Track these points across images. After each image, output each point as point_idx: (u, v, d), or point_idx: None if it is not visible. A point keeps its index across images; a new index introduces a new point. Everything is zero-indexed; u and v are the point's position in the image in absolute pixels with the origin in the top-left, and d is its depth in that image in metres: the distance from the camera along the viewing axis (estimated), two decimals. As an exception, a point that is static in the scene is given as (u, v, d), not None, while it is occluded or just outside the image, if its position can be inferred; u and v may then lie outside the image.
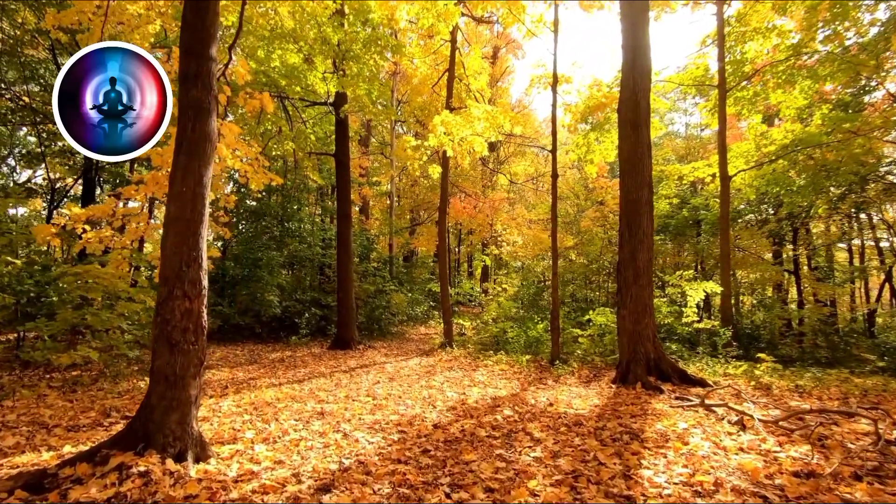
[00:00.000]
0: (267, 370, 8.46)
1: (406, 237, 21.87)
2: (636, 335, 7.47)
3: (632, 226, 7.73)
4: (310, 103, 11.97)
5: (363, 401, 6.02)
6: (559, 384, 7.64)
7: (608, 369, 8.78)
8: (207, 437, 4.11)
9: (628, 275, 7.69)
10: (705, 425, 4.70)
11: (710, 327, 9.93)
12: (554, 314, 9.34)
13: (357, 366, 9.12)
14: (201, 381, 3.65)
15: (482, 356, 10.19)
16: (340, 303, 11.75)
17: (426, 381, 7.71)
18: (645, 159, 7.77)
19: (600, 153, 13.04)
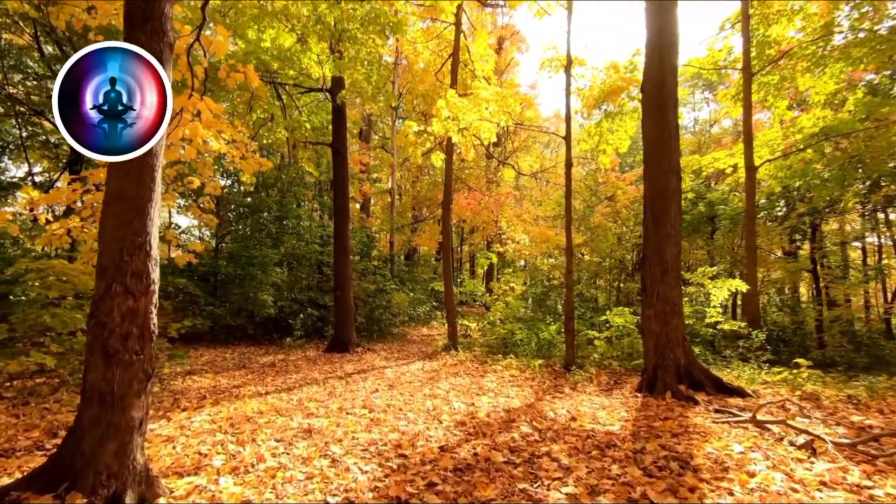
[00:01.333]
0: (255, 376, 7.71)
1: (408, 234, 21.12)
2: (664, 338, 6.70)
3: (658, 217, 6.97)
4: (305, 90, 11.21)
5: (358, 414, 5.27)
6: (577, 392, 6.88)
7: (629, 375, 8.02)
8: (165, 466, 3.36)
9: (654, 271, 6.92)
10: (765, 448, 3.94)
11: (737, 329, 9.17)
12: (568, 315, 8.58)
13: (354, 371, 8.37)
14: (148, 401, 2.90)
15: (490, 360, 9.44)
16: (337, 302, 11.00)
17: (430, 388, 6.95)
18: (672, 142, 7.00)
19: (614, 143, 12.28)
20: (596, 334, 9.14)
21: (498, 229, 20.67)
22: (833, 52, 10.14)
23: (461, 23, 11.37)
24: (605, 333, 9.20)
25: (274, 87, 10.94)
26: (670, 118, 7.06)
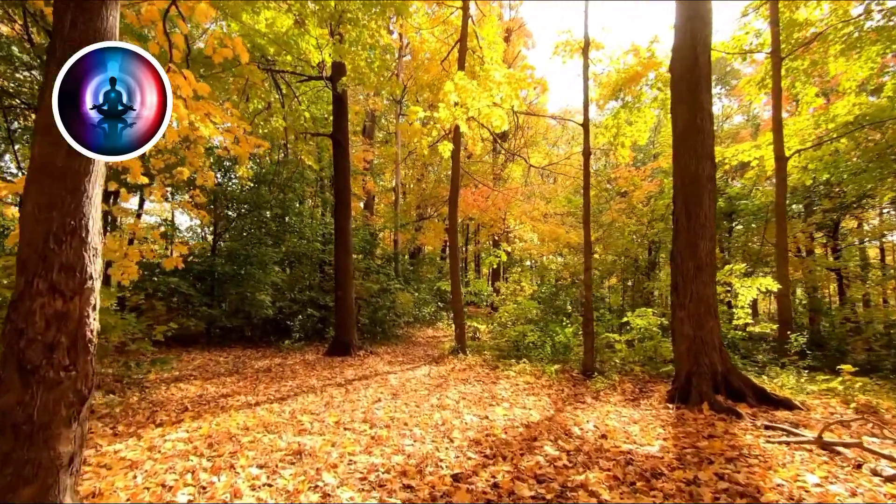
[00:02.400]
0: (247, 383, 7.10)
1: (412, 233, 20.47)
2: (698, 342, 6.03)
3: (690, 208, 6.29)
4: (304, 78, 10.59)
5: (358, 430, 4.64)
6: (600, 402, 6.22)
7: (654, 382, 7.35)
8: (119, 501, 2.74)
9: (687, 268, 6.25)
10: (844, 479, 3.27)
11: (768, 332, 8.48)
12: (587, 316, 7.91)
13: (355, 377, 7.74)
14: (83, 431, 2.27)
15: (502, 365, 8.78)
16: (338, 303, 10.38)
17: (438, 397, 6.31)
18: (706, 125, 6.32)
19: (632, 135, 11.60)
20: (616, 337, 8.45)
21: (505, 227, 20.00)
22: (869, 34, 9.42)
23: (469, 7, 10.72)
24: (625, 336, 8.51)
25: (271, 76, 10.33)
26: (703, 99, 6.39)
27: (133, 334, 6.29)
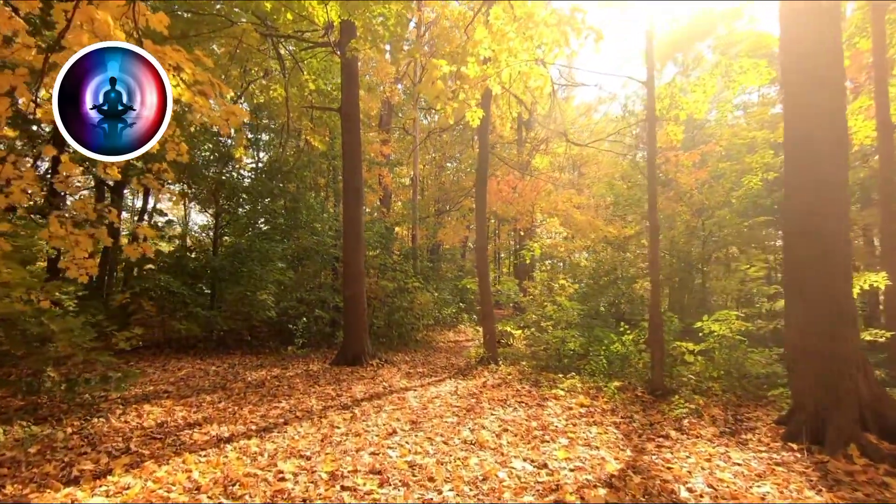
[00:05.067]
0: (230, 403, 5.69)
1: (432, 225, 18.95)
2: (831, 359, 4.37)
3: (808, 171, 4.63)
4: (309, 45, 9.21)
5: (361, 490, 3.15)
6: (688, 437, 4.63)
7: (747, 407, 5.72)
8: None
9: (808, 255, 4.60)
10: None
11: (882, 339, 6.72)
12: (656, 322, 6.29)
13: (365, 395, 6.27)
14: None
15: (543, 379, 7.21)
16: (348, 304, 8.93)
17: (471, 429, 4.78)
18: (839, 56, 4.66)
19: (689, 108, 9.90)
20: (690, 346, 6.78)
21: (533, 221, 18.37)
22: None
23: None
24: (699, 346, 6.84)
25: (271, 42, 8.97)
26: (832, 13, 4.71)
27: (83, 343, 4.93)
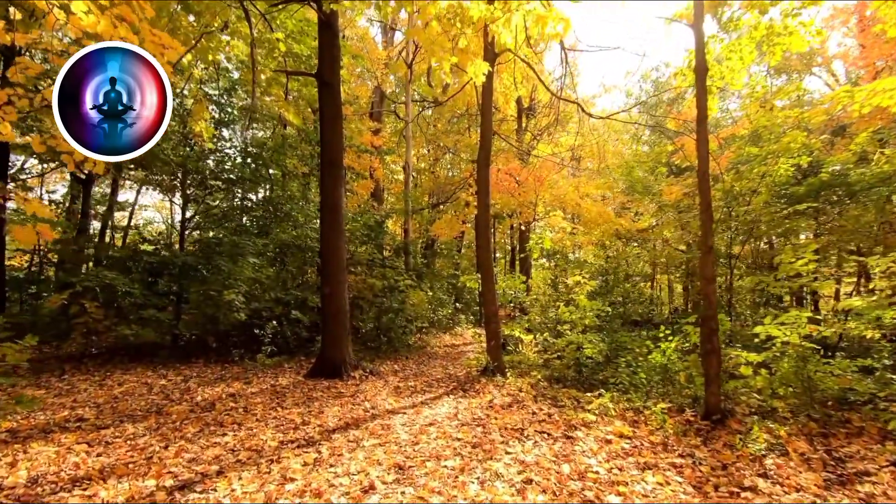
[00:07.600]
0: (155, 438, 4.27)
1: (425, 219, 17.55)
2: None
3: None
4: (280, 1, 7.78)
5: None
6: (781, 487, 3.28)
7: (836, 438, 4.37)
8: None
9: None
10: None
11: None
12: (710, 326, 4.94)
13: (339, 423, 4.87)
14: None
15: (563, 396, 5.84)
16: (325, 304, 7.52)
17: (481, 480, 3.40)
18: None
19: (723, 78, 8.59)
20: (748, 357, 5.42)
21: (535, 215, 17.02)
22: None
23: None
24: (759, 356, 5.49)
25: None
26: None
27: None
